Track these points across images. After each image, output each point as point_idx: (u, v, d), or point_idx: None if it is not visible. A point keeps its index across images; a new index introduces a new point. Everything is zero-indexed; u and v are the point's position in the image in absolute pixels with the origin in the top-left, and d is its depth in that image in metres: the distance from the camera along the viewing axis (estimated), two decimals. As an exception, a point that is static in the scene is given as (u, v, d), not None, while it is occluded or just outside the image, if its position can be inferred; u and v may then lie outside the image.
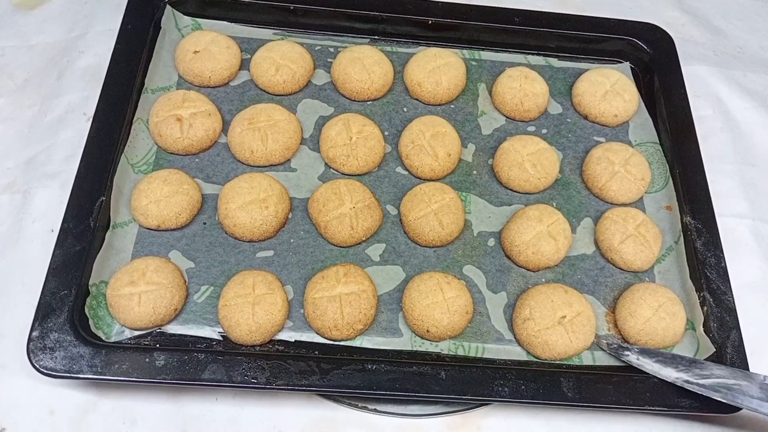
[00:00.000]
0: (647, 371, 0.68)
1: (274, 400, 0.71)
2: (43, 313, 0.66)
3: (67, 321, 0.66)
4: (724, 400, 0.64)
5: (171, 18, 0.88)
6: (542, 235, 0.75)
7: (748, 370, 0.70)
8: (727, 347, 0.71)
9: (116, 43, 0.83)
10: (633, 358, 0.69)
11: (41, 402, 0.69)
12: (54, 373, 0.63)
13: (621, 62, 0.94)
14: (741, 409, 0.66)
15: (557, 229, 0.76)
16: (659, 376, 0.68)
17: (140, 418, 0.69)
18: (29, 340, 0.64)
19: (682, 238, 0.79)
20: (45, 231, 0.78)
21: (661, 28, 0.94)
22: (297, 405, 0.71)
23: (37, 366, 0.63)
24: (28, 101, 0.89)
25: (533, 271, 0.76)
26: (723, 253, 0.76)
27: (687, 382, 0.66)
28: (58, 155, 0.84)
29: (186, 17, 0.89)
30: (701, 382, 0.65)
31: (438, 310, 0.69)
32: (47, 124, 0.87)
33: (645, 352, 0.70)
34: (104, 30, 0.94)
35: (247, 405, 0.70)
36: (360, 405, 0.71)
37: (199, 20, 0.90)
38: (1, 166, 0.83)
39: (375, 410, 0.71)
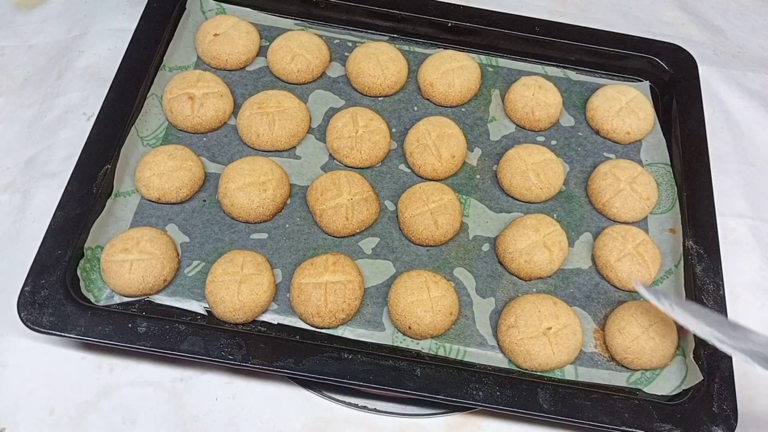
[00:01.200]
0: (682, 323, 0.63)
1: (274, 400, 0.71)
2: (37, 270, 0.68)
3: (59, 280, 0.68)
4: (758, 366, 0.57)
5: (197, 0, 0.90)
6: (537, 244, 0.74)
7: (735, 404, 0.67)
8: (716, 377, 0.69)
9: (140, 19, 0.86)
10: (666, 306, 0.64)
11: (41, 402, 0.69)
12: (39, 329, 0.65)
13: (641, 80, 0.92)
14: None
15: (553, 240, 0.75)
16: (696, 332, 0.62)
17: (140, 418, 0.69)
18: (20, 294, 0.66)
19: (682, 262, 0.77)
20: (45, 231, 0.76)
21: (684, 50, 0.92)
22: (297, 405, 0.71)
23: (24, 319, 0.65)
24: (28, 101, 0.89)
25: (525, 280, 0.75)
26: (722, 281, 0.74)
27: (718, 339, 0.60)
28: (57, 155, 0.84)
29: (211, 1, 0.92)
30: (734, 343, 0.59)
31: (421, 308, 0.69)
32: (47, 123, 0.87)
33: (680, 304, 0.64)
34: (104, 29, 0.95)
35: (247, 405, 0.70)
36: (360, 405, 0.71)
37: (224, 5, 0.92)
38: (0, 165, 0.84)
39: (375, 410, 0.71)
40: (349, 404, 0.71)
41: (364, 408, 0.71)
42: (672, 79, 0.90)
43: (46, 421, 0.68)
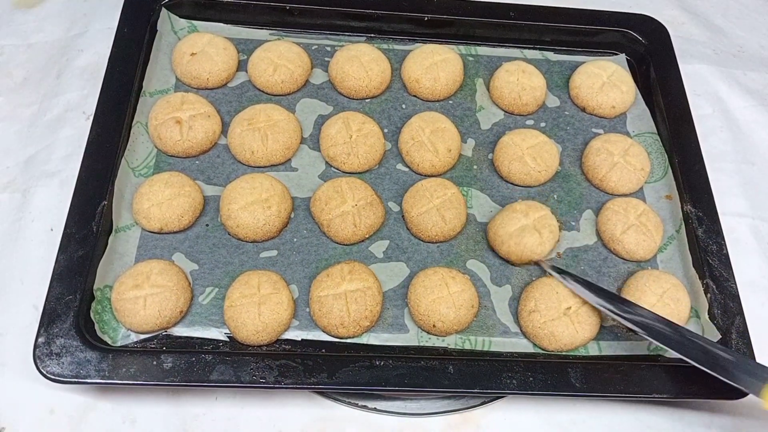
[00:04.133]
0: (579, 294, 0.71)
1: (274, 400, 0.70)
2: (49, 318, 0.66)
3: (73, 326, 0.65)
4: (644, 335, 0.67)
5: (167, 21, 0.88)
6: (527, 227, 0.74)
7: (753, 356, 0.70)
8: (732, 333, 0.71)
9: (113, 47, 0.83)
10: (565, 283, 0.73)
11: (41, 401, 0.68)
12: (62, 379, 0.63)
13: (617, 54, 0.94)
14: (747, 394, 0.67)
15: (543, 223, 0.75)
16: (588, 300, 0.70)
17: (140, 418, 0.68)
18: (35, 346, 0.64)
19: (683, 226, 0.79)
20: (44, 230, 0.78)
21: (655, 20, 0.94)
22: (297, 404, 0.71)
23: (44, 372, 0.63)
24: (28, 100, 0.89)
25: (516, 265, 0.76)
26: (724, 240, 0.77)
27: (611, 311, 0.69)
28: (57, 154, 0.84)
29: (182, 20, 0.89)
30: (626, 315, 0.68)
31: (444, 305, 0.69)
32: (46, 122, 0.87)
33: (578, 281, 0.72)
34: (103, 28, 0.95)
35: (247, 405, 0.70)
36: (360, 404, 0.71)
37: (195, 22, 0.90)
38: (0, 164, 0.83)
39: (375, 409, 0.71)
40: (350, 403, 0.71)
41: (364, 407, 0.71)
42: (647, 50, 0.92)
43: (46, 421, 0.68)
